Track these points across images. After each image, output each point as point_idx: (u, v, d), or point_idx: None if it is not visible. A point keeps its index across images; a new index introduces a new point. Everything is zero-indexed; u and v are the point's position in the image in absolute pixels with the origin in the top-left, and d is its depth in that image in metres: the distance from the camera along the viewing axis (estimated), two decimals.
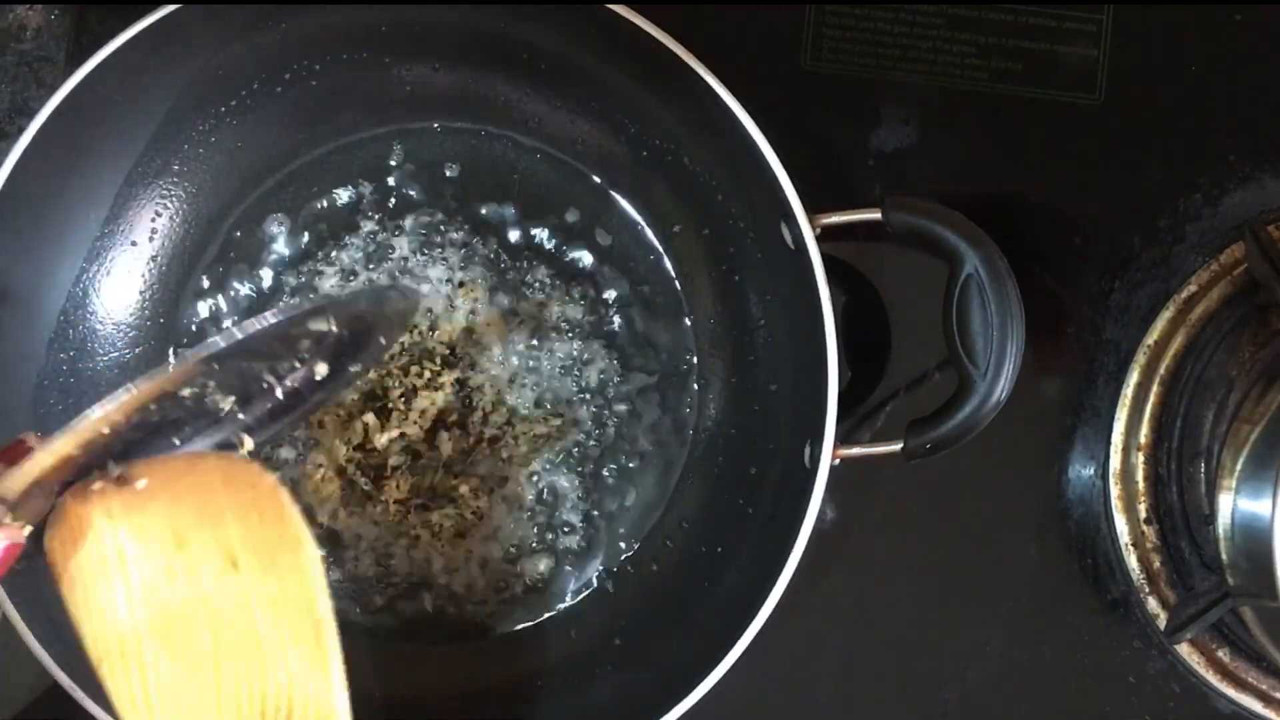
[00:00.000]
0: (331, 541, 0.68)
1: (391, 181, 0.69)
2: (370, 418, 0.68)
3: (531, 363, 0.69)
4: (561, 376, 0.69)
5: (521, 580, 0.68)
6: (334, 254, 0.68)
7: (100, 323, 0.67)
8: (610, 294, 0.69)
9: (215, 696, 0.46)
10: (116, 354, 0.67)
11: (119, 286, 0.67)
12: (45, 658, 0.59)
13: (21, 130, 0.59)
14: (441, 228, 0.69)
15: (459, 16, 0.65)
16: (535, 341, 0.69)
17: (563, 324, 0.69)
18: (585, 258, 0.69)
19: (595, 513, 0.69)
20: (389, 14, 0.65)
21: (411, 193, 0.69)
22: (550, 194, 0.69)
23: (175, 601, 0.46)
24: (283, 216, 0.68)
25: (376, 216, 0.69)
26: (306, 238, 0.68)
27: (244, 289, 0.68)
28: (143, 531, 0.47)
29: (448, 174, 0.69)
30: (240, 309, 0.68)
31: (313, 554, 0.48)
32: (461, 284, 0.69)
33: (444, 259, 0.69)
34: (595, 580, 0.69)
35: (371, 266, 0.69)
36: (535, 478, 0.68)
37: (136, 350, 0.68)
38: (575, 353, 0.69)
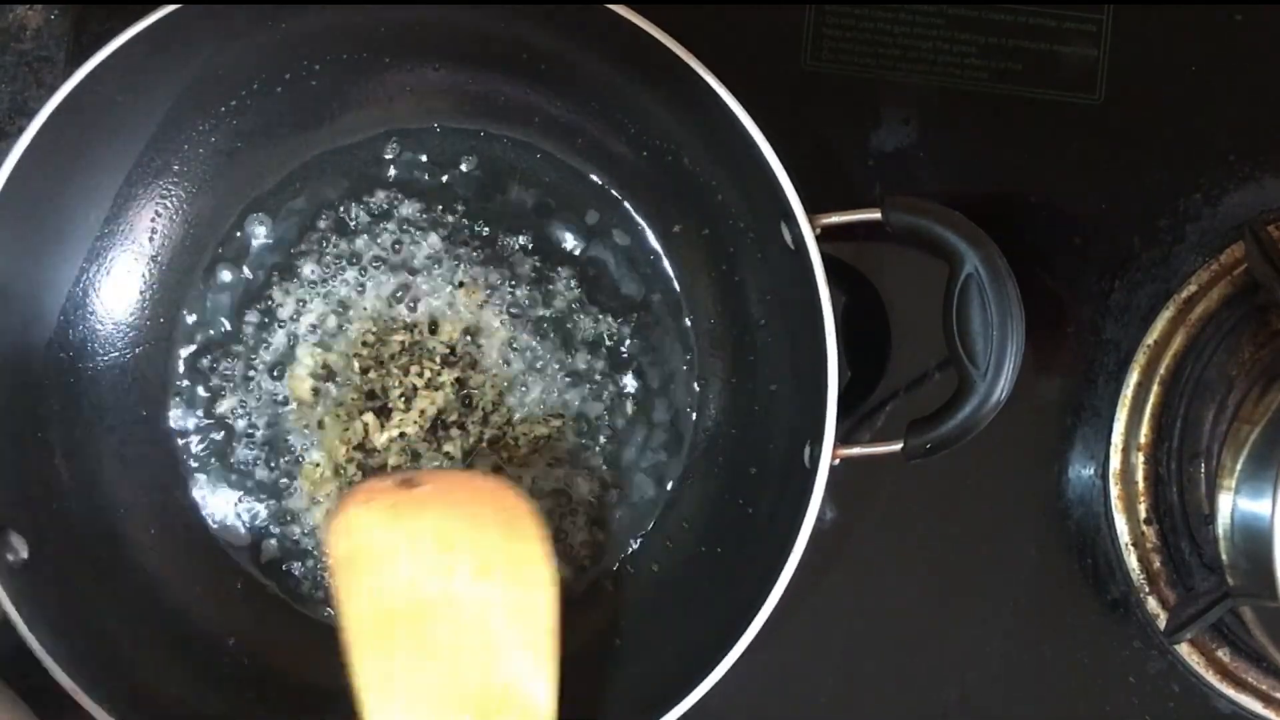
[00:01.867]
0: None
1: (392, 182, 0.69)
2: (370, 417, 0.68)
3: (532, 364, 0.69)
4: (561, 377, 0.69)
5: None
6: (335, 253, 0.68)
7: (100, 323, 0.67)
8: (610, 294, 0.69)
9: (445, 680, 0.52)
10: (116, 354, 0.67)
11: (119, 286, 0.67)
12: (45, 658, 0.59)
13: (21, 130, 0.59)
14: (441, 228, 0.69)
15: (459, 17, 0.65)
16: (536, 342, 0.69)
17: (563, 324, 0.69)
18: (585, 258, 0.69)
19: (595, 513, 0.69)
20: (389, 14, 0.65)
21: (411, 193, 0.69)
22: (550, 194, 0.69)
23: (431, 595, 0.53)
24: (283, 216, 0.68)
25: (376, 217, 0.69)
26: (307, 237, 0.68)
27: (245, 289, 0.68)
28: (417, 531, 0.54)
29: (447, 175, 0.69)
30: (241, 309, 0.68)
31: (552, 574, 0.55)
32: (461, 284, 0.69)
33: (444, 258, 0.69)
34: (595, 580, 0.69)
35: (375, 265, 0.68)
36: (535, 478, 0.68)
37: (136, 350, 0.68)
38: (575, 353, 0.69)
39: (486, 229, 0.69)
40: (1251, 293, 0.68)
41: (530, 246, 0.69)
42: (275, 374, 0.68)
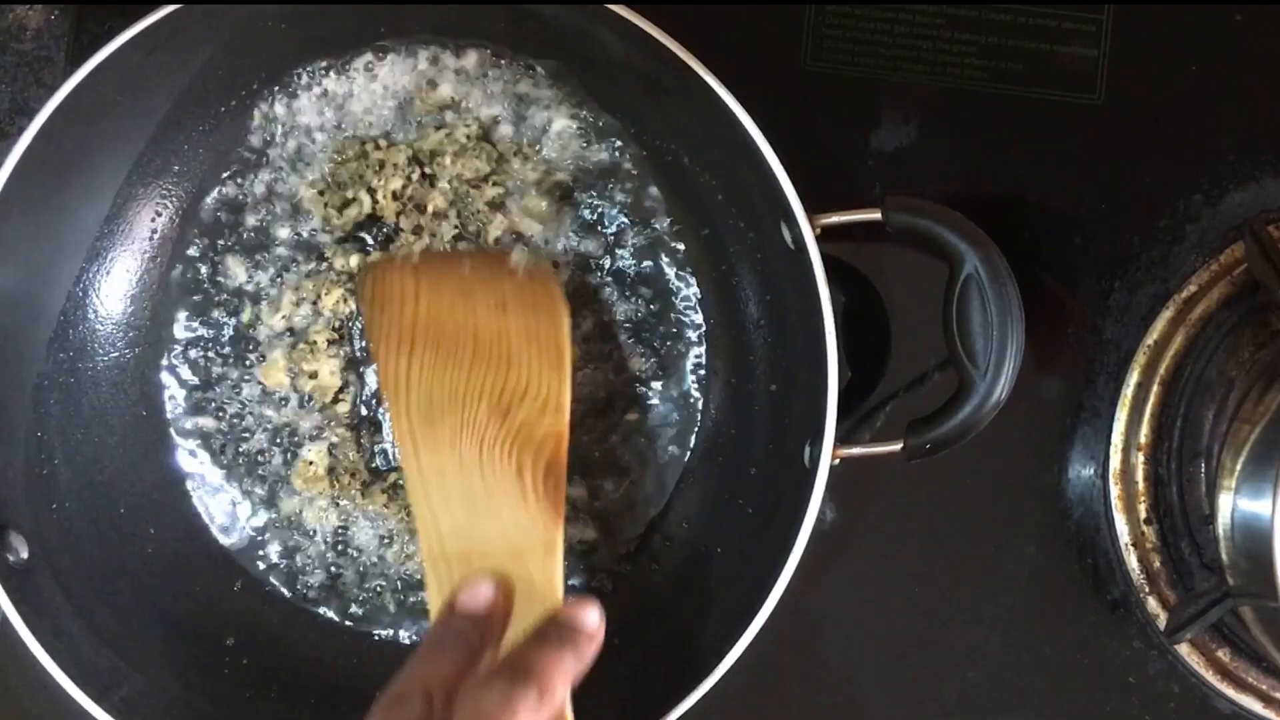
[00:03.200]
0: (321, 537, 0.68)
1: (391, 181, 0.69)
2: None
3: None
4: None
5: None
6: (336, 252, 0.68)
7: (100, 323, 0.67)
8: (609, 294, 0.69)
9: (464, 383, 0.59)
10: (116, 354, 0.67)
11: (119, 286, 0.67)
12: (45, 658, 0.59)
13: (21, 130, 0.59)
14: (443, 224, 0.69)
15: (458, 18, 0.65)
16: None
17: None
18: (584, 257, 0.69)
19: (595, 513, 0.69)
20: (389, 15, 0.65)
21: (411, 191, 0.69)
22: None
23: (450, 320, 0.61)
24: (284, 216, 0.68)
25: (380, 208, 0.69)
26: (308, 236, 0.68)
27: (245, 289, 0.68)
28: (437, 285, 0.62)
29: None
30: (241, 309, 0.68)
31: (565, 312, 0.62)
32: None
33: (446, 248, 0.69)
34: (595, 580, 0.69)
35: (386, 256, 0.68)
36: None
37: (136, 350, 0.68)
38: (575, 353, 0.69)
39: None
40: (1251, 293, 0.68)
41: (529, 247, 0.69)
42: (259, 372, 0.68)
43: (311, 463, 0.68)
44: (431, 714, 0.46)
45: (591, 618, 0.51)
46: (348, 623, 0.68)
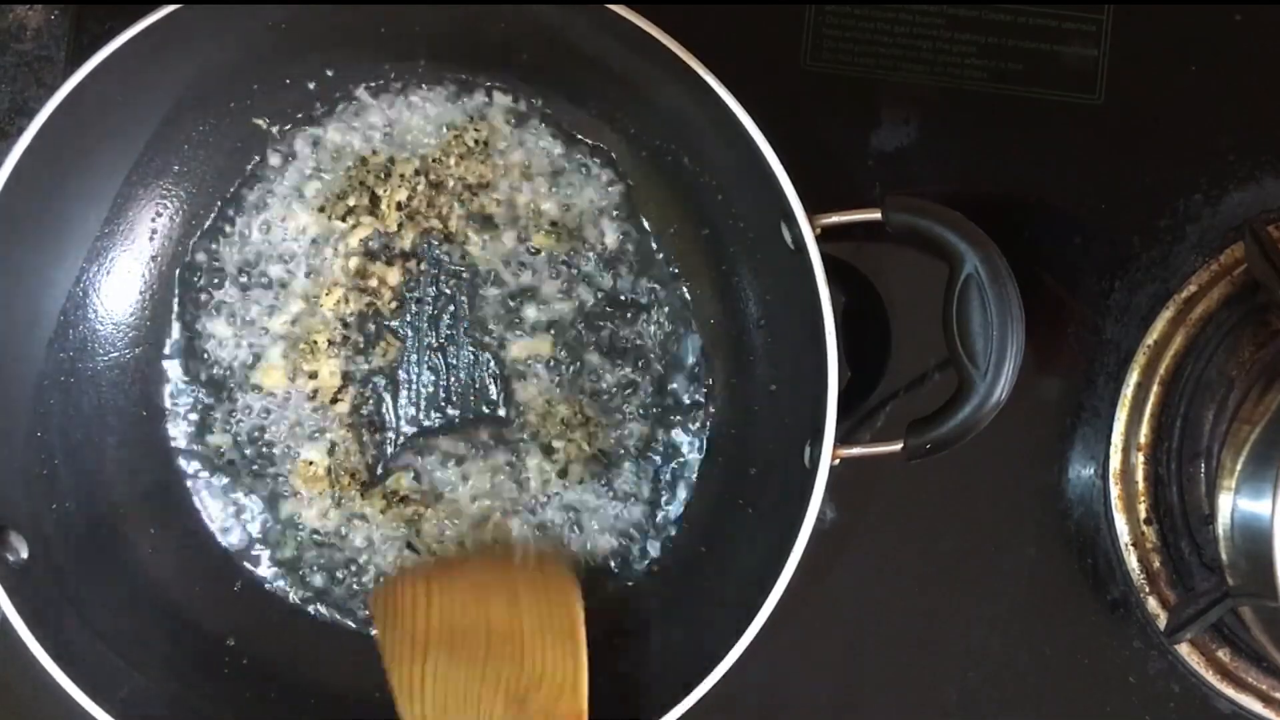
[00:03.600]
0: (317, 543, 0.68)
1: (392, 181, 0.69)
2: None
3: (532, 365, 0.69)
4: (561, 378, 0.69)
5: None
6: (334, 251, 0.68)
7: (100, 323, 0.67)
8: (609, 294, 0.69)
9: (479, 683, 0.59)
10: (116, 354, 0.67)
11: (119, 286, 0.67)
12: (45, 658, 0.59)
13: (21, 130, 0.59)
14: (443, 225, 0.69)
15: (459, 17, 0.64)
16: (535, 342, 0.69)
17: (563, 324, 0.69)
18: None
19: (595, 513, 0.68)
20: (389, 15, 0.65)
21: (411, 191, 0.69)
22: None
23: (463, 622, 0.61)
24: (287, 214, 0.68)
25: (377, 215, 0.69)
26: (308, 236, 0.68)
27: (248, 289, 0.68)
28: (449, 590, 0.63)
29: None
30: (241, 309, 0.68)
31: (577, 594, 0.63)
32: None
33: (446, 255, 0.69)
34: (595, 580, 0.68)
35: (384, 258, 0.68)
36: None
37: (136, 350, 0.68)
38: (575, 353, 0.69)
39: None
40: (1251, 293, 0.68)
41: (530, 248, 0.69)
42: (258, 374, 0.68)
43: (311, 462, 0.68)
44: None
45: None
46: (348, 623, 0.68)
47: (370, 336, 0.68)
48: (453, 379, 0.68)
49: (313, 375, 0.68)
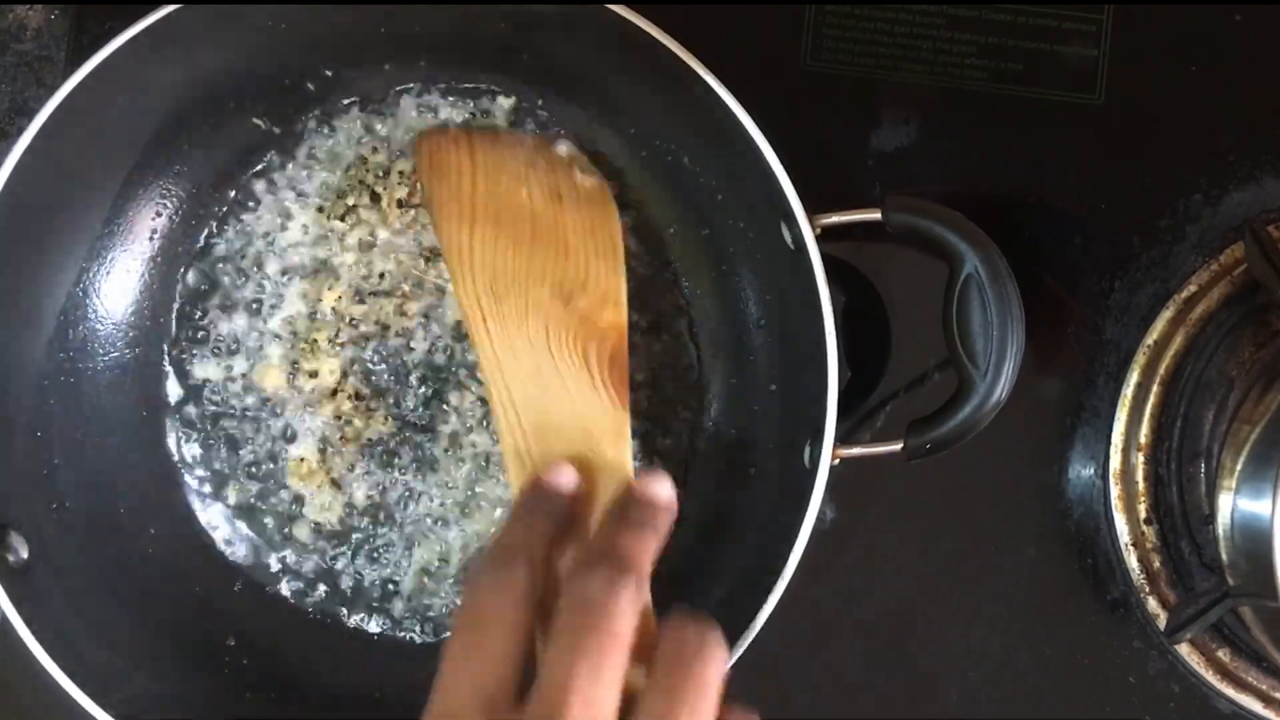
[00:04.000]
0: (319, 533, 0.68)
1: (391, 179, 0.69)
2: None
3: None
4: None
5: None
6: (336, 250, 0.68)
7: (100, 323, 0.67)
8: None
9: (525, 264, 0.59)
10: (116, 354, 0.67)
11: (119, 286, 0.67)
12: (45, 658, 0.59)
13: (21, 130, 0.59)
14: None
15: (459, 17, 0.64)
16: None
17: None
18: None
19: None
20: (389, 15, 0.65)
21: (410, 190, 0.69)
22: None
23: (508, 201, 0.60)
24: (286, 215, 0.68)
25: (377, 214, 0.69)
26: (308, 235, 0.68)
27: (247, 290, 0.68)
28: (493, 163, 0.62)
29: None
30: (241, 309, 0.68)
31: (617, 216, 0.63)
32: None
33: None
34: None
35: (378, 262, 0.68)
36: None
37: (136, 350, 0.68)
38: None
39: None
40: (1251, 293, 0.68)
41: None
42: (257, 373, 0.68)
43: (303, 459, 0.68)
44: (534, 576, 0.47)
45: (666, 489, 0.52)
46: (348, 623, 0.68)
47: (369, 336, 0.68)
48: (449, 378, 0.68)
49: (313, 374, 0.68)
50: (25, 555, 0.61)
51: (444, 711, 0.45)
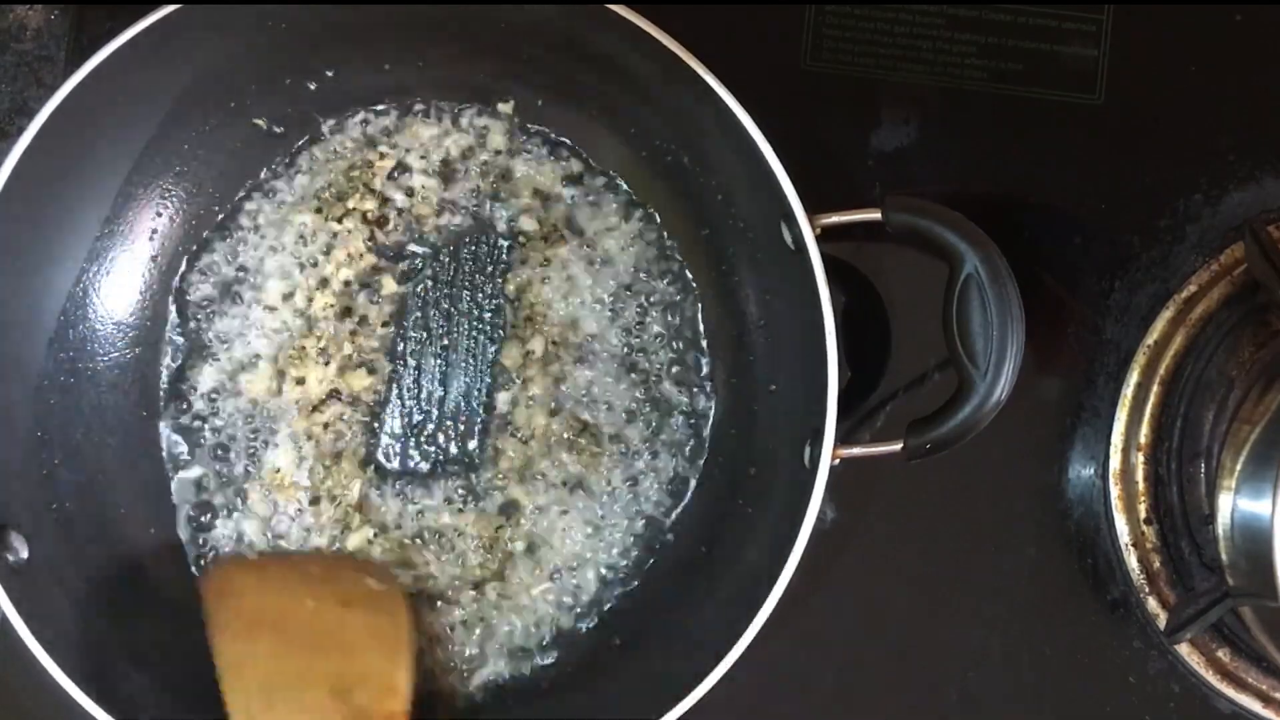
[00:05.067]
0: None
1: (392, 179, 0.69)
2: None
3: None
4: (563, 379, 0.69)
5: None
6: (331, 252, 0.68)
7: (100, 323, 0.67)
8: (609, 294, 0.69)
9: (304, 664, 0.60)
10: (116, 354, 0.67)
11: (119, 286, 0.67)
12: (45, 658, 0.59)
13: (21, 130, 0.59)
14: (443, 227, 0.69)
15: (460, 17, 0.65)
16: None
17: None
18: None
19: (595, 514, 0.68)
20: (389, 14, 0.65)
21: (411, 190, 0.69)
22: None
23: (292, 611, 0.62)
24: (285, 216, 0.68)
25: (378, 213, 0.69)
26: (306, 236, 0.68)
27: (247, 290, 0.68)
28: (282, 574, 0.65)
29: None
30: (241, 309, 0.68)
31: (406, 609, 0.64)
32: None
33: (447, 254, 0.69)
34: (595, 581, 0.68)
35: (380, 263, 0.68)
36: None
37: (137, 350, 0.68)
38: (575, 353, 0.69)
39: (488, 228, 0.69)
40: (1251, 293, 0.68)
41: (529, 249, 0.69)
42: (246, 377, 0.68)
43: (278, 469, 0.68)
44: None
45: None
46: None
47: (362, 337, 0.68)
48: (449, 386, 0.69)
49: (300, 381, 0.68)
50: (25, 555, 0.61)
51: None
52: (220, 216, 0.68)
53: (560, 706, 0.66)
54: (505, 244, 0.69)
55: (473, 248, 0.69)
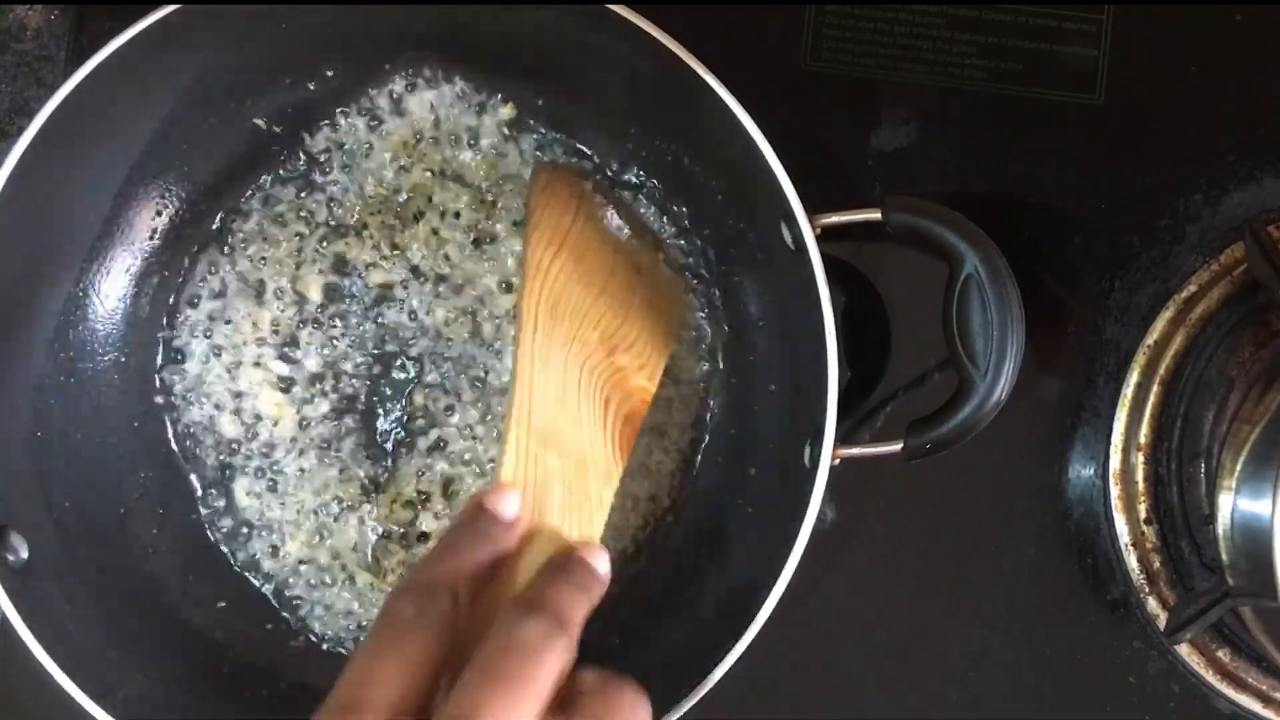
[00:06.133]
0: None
1: (391, 178, 0.69)
2: None
3: None
4: None
5: None
6: (334, 250, 0.68)
7: (100, 323, 0.67)
8: None
9: (589, 304, 0.62)
10: (116, 354, 0.67)
11: (119, 286, 0.67)
12: (45, 658, 0.59)
13: (21, 130, 0.59)
14: (445, 227, 0.69)
15: (459, 17, 0.64)
16: None
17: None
18: None
19: None
20: (389, 14, 0.65)
21: (413, 189, 0.69)
22: None
23: (595, 251, 0.64)
24: (285, 216, 0.68)
25: (380, 211, 0.69)
26: (309, 236, 0.68)
27: (247, 289, 0.68)
28: (593, 220, 0.66)
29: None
30: (242, 309, 0.68)
31: (682, 307, 0.68)
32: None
33: (448, 255, 0.69)
34: None
35: (381, 262, 0.68)
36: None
37: (137, 350, 0.68)
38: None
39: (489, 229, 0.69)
40: (1251, 293, 0.68)
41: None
42: (240, 374, 0.68)
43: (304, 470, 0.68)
44: (457, 607, 0.47)
45: (605, 563, 0.53)
46: (344, 623, 0.68)
47: (356, 336, 0.68)
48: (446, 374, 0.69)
49: (291, 383, 0.68)
50: (25, 555, 0.61)
51: (348, 702, 0.44)
52: (220, 217, 0.68)
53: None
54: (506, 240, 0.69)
55: (471, 245, 0.69)
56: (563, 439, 0.58)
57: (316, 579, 0.68)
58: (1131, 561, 0.68)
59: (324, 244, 0.68)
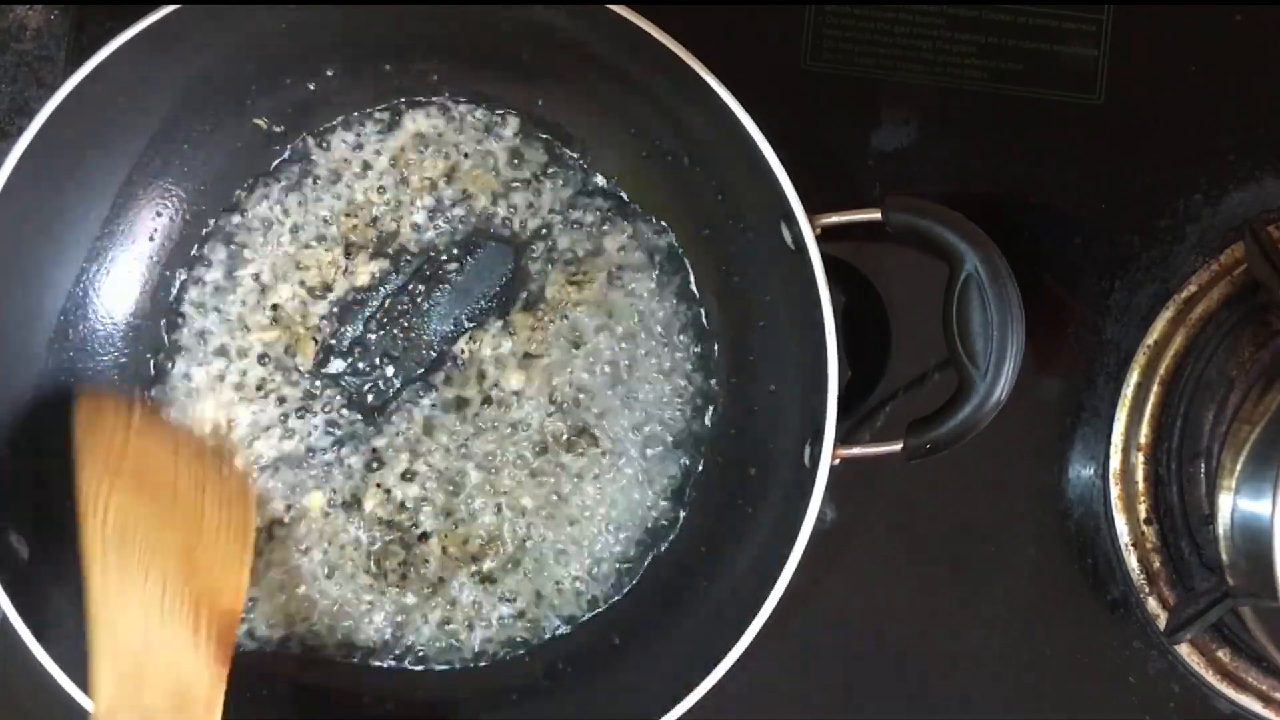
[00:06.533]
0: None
1: (392, 178, 0.69)
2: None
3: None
4: (562, 379, 0.69)
5: None
6: (335, 251, 0.68)
7: (100, 323, 0.67)
8: (609, 295, 0.69)
9: (158, 529, 0.60)
10: (116, 354, 0.67)
11: (119, 286, 0.67)
12: (45, 658, 0.59)
13: (21, 130, 0.59)
14: (444, 224, 0.69)
15: (460, 17, 0.64)
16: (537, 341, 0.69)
17: (565, 323, 0.69)
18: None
19: (596, 512, 0.69)
20: (389, 14, 0.65)
21: (412, 189, 0.69)
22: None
23: (154, 473, 0.62)
24: (284, 216, 0.68)
25: (379, 212, 0.69)
26: (309, 236, 0.68)
27: (246, 288, 0.68)
28: (149, 433, 0.64)
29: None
30: (241, 309, 0.68)
31: (253, 520, 0.65)
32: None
33: (448, 255, 0.69)
34: (595, 581, 0.69)
35: (379, 264, 0.69)
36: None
37: (137, 350, 0.68)
38: (576, 353, 0.69)
39: (490, 227, 0.69)
40: (1251, 293, 0.68)
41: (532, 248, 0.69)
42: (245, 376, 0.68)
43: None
44: None
45: None
46: (346, 623, 0.68)
47: (353, 337, 0.68)
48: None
49: (289, 385, 0.68)
50: (25, 555, 0.61)
51: None
52: (220, 217, 0.68)
53: (560, 706, 0.66)
54: (505, 244, 0.69)
55: (471, 247, 0.69)
56: (156, 675, 0.58)
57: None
58: (1131, 561, 0.68)
59: (324, 244, 0.68)
